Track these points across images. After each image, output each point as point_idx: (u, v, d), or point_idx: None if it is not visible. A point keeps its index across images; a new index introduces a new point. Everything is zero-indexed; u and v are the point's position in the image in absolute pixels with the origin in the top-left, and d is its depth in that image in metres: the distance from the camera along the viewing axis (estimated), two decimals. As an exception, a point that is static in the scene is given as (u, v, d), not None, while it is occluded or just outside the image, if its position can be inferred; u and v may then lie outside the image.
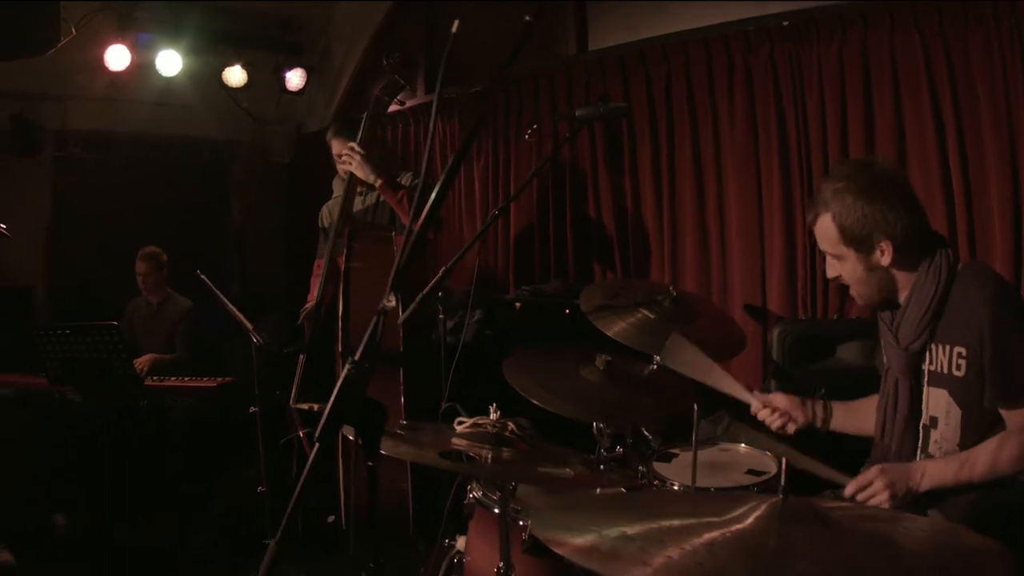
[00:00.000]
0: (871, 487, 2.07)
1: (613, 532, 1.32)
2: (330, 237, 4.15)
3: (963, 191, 3.55)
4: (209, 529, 4.19)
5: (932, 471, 2.08)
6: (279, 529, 1.43)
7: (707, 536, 1.26)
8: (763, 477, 2.68)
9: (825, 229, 2.22)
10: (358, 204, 4.50)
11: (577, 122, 3.15)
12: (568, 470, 1.94)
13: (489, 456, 1.96)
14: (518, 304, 4.74)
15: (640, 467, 2.86)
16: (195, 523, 4.21)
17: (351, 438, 1.89)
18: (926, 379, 2.20)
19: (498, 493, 2.15)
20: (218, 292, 3.96)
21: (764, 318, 4.19)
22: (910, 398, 2.24)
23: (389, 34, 6.19)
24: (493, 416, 2.08)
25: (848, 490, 2.10)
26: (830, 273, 2.32)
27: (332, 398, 1.47)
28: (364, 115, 4.16)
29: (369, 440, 1.51)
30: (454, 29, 1.57)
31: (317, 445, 1.46)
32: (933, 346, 2.17)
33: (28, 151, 5.59)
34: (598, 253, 5.01)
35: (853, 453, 2.49)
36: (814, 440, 2.53)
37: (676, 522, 1.34)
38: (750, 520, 1.31)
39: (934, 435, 2.18)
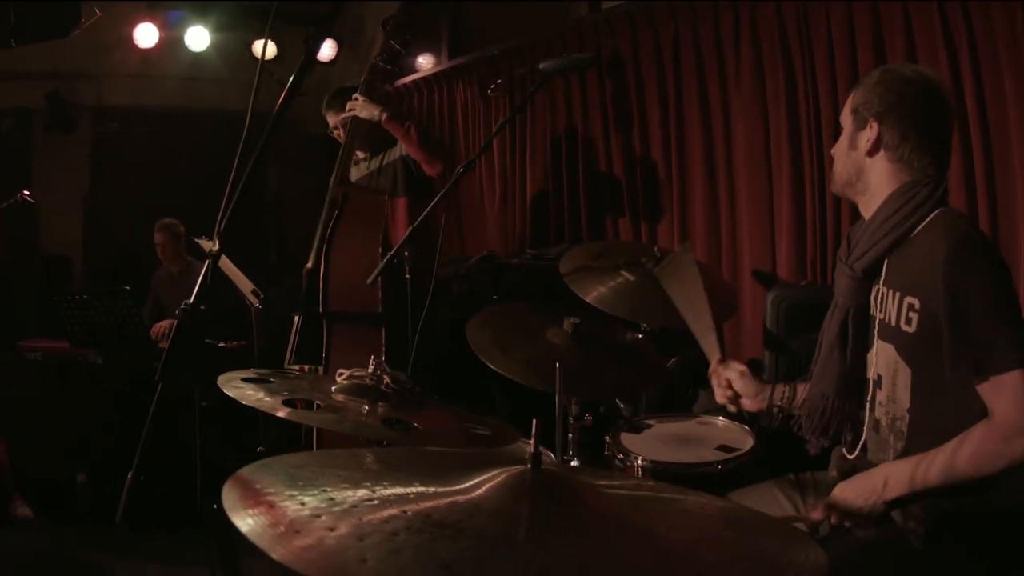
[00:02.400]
0: (836, 515, 1.89)
1: (308, 495, 1.15)
2: (326, 202, 4.20)
3: (983, 156, 3.23)
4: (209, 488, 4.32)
5: (895, 477, 1.83)
6: (135, 460, 1.50)
7: (395, 509, 1.11)
8: (733, 454, 2.53)
9: (853, 94, 2.10)
10: (363, 170, 4.55)
11: (541, 75, 3.12)
12: (415, 424, 1.87)
13: (365, 410, 1.92)
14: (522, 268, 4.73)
15: (607, 437, 2.75)
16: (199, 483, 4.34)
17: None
18: (876, 329, 1.99)
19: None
20: (217, 259, 4.05)
21: (773, 283, 4.00)
22: (839, 326, 2.04)
23: (415, 4, 6.20)
24: (371, 368, 2.02)
25: (816, 515, 1.92)
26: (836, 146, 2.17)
27: (169, 340, 1.55)
28: (362, 80, 4.21)
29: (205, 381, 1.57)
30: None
31: (159, 385, 1.52)
32: (884, 290, 1.96)
33: (63, 128, 5.84)
34: (610, 216, 4.96)
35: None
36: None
37: (392, 491, 1.17)
38: (479, 492, 1.18)
39: (879, 395, 1.98)
